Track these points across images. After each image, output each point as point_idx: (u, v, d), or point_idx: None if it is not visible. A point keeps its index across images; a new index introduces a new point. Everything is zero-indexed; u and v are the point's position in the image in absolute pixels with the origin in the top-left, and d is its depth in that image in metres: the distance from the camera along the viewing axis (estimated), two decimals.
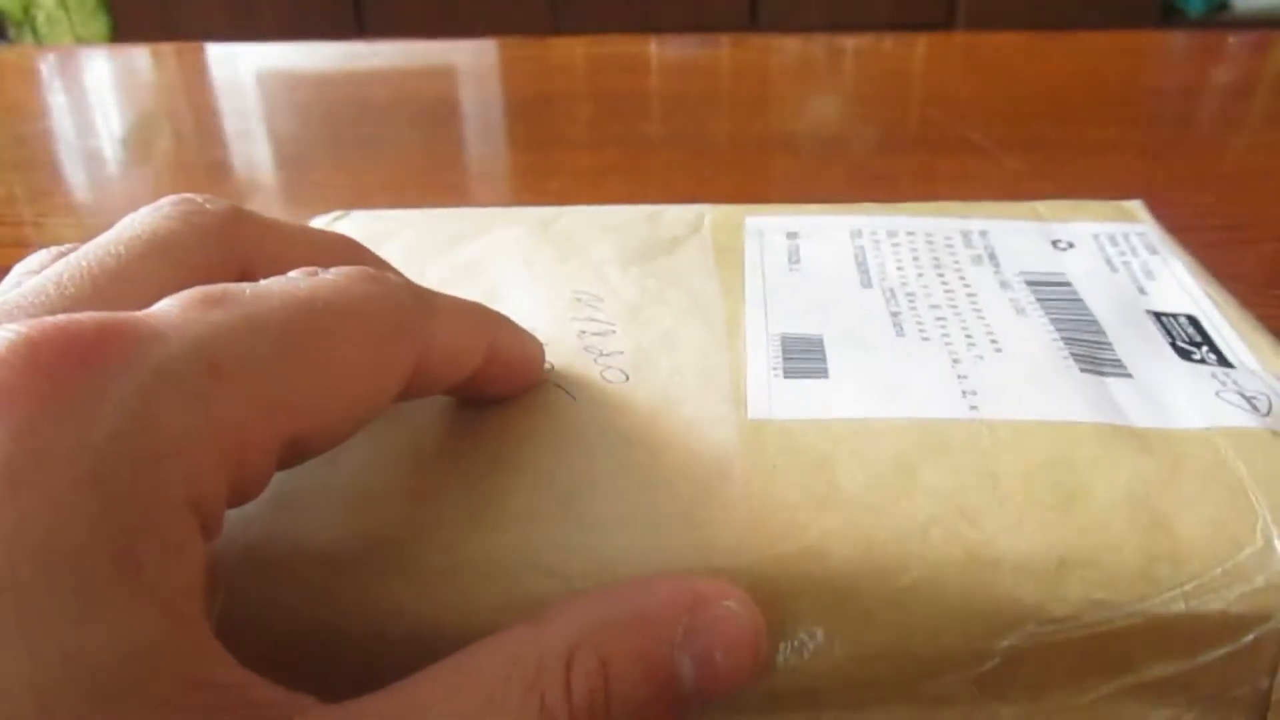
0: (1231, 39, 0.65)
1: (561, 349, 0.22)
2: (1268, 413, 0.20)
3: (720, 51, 0.65)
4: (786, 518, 0.17)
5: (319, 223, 0.29)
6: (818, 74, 0.61)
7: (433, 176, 0.47)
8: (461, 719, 0.14)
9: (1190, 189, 0.42)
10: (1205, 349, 0.22)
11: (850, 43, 0.66)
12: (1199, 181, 0.44)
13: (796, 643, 0.17)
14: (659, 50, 0.64)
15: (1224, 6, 1.71)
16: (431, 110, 0.55)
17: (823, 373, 0.21)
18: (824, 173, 0.46)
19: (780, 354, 0.22)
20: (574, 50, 0.65)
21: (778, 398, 0.20)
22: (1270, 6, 1.68)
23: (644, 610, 0.15)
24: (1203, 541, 0.17)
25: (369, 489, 0.19)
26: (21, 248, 0.41)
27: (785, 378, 0.21)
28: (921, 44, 0.65)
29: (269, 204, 0.45)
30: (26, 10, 1.45)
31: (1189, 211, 0.40)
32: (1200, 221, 0.39)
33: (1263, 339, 0.23)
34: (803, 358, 0.22)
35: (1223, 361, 0.22)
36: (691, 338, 0.22)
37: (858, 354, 0.22)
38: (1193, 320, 0.23)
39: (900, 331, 0.22)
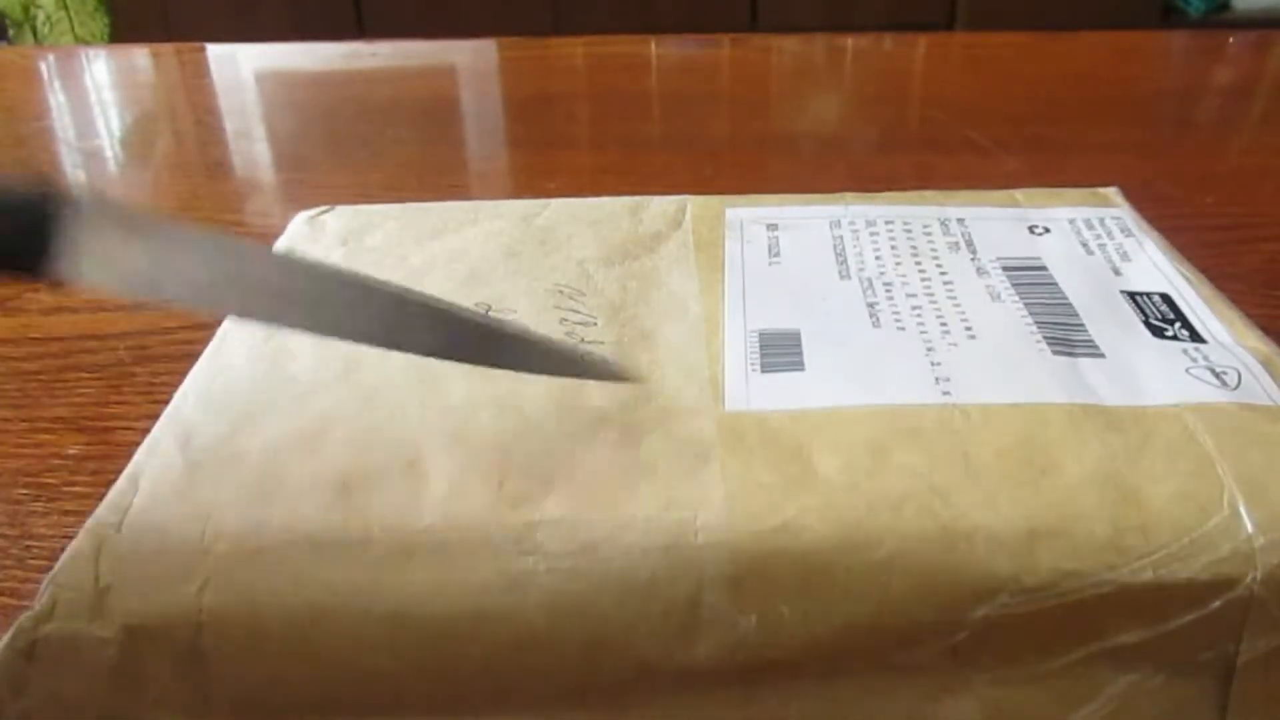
0: (1231, 39, 0.65)
1: (542, 331, 0.23)
2: (1236, 386, 0.20)
3: (720, 51, 0.65)
4: (764, 497, 0.18)
5: (304, 217, 0.29)
6: (818, 74, 0.61)
7: (433, 176, 0.47)
8: None
9: (1190, 189, 0.42)
10: (1178, 325, 0.22)
11: (850, 43, 0.66)
12: (1199, 181, 0.43)
13: (774, 617, 0.17)
14: (659, 50, 0.64)
15: (1224, 6, 1.71)
16: (431, 110, 0.55)
17: (799, 366, 0.22)
18: (824, 172, 0.46)
19: (758, 350, 0.22)
20: (574, 50, 0.65)
21: (755, 391, 0.21)
22: (1270, 6, 1.68)
23: None
24: (1170, 512, 0.17)
25: (352, 473, 0.19)
26: None
27: (762, 372, 0.21)
28: (921, 44, 0.65)
29: (269, 204, 0.45)
30: (26, 10, 1.45)
31: (1189, 211, 0.40)
32: (1200, 221, 0.39)
33: (1235, 314, 0.23)
34: (780, 352, 0.22)
35: (1195, 337, 0.22)
36: (671, 337, 0.23)
37: (834, 347, 0.22)
38: (1166, 298, 0.24)
39: (876, 323, 0.23)
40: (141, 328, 0.34)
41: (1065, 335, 0.22)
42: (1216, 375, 0.21)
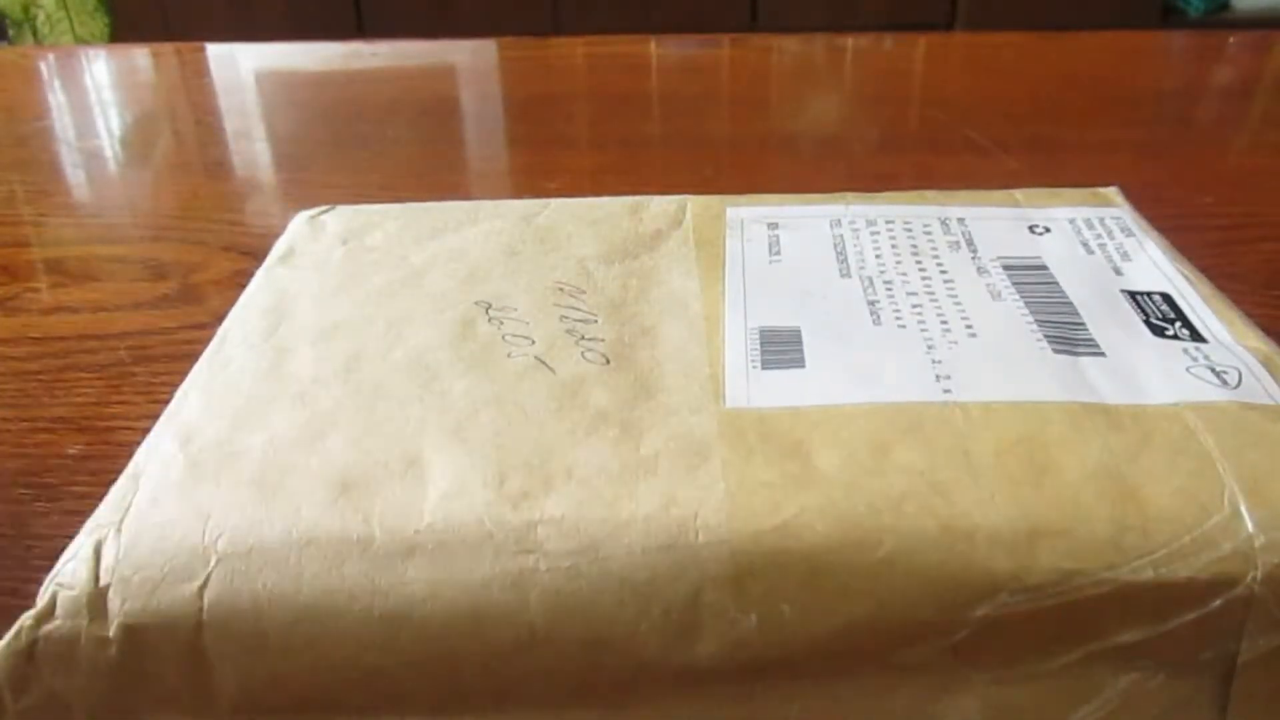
0: (1231, 39, 0.65)
1: (542, 328, 0.23)
2: (1237, 385, 0.20)
3: (720, 51, 0.65)
4: (765, 496, 0.18)
5: (304, 217, 0.29)
6: (818, 74, 0.61)
7: (432, 176, 0.47)
8: None
9: (1190, 189, 0.42)
10: (1179, 325, 0.22)
11: (850, 43, 0.66)
12: (1199, 181, 0.44)
13: (775, 615, 0.17)
14: (659, 50, 0.64)
15: (1224, 6, 1.71)
16: (431, 110, 0.55)
17: (799, 363, 0.22)
18: (824, 172, 0.46)
19: (759, 347, 0.22)
20: (574, 50, 0.65)
21: (755, 388, 0.21)
22: (1270, 6, 1.68)
23: None
24: (1171, 511, 0.17)
25: (352, 472, 0.19)
26: (21, 248, 0.41)
27: (763, 369, 0.21)
28: (921, 44, 0.65)
29: (268, 204, 0.45)
30: (26, 10, 1.45)
31: (1189, 211, 0.40)
32: (1200, 221, 0.39)
33: (1235, 314, 0.23)
34: (780, 350, 0.22)
35: (1195, 336, 0.22)
36: (671, 335, 0.23)
37: (835, 344, 0.22)
38: (1166, 298, 0.24)
39: (877, 320, 0.23)
40: (141, 328, 0.34)
41: (1066, 334, 0.22)
42: (1217, 374, 0.21)
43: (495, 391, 0.21)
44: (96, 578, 0.17)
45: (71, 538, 0.18)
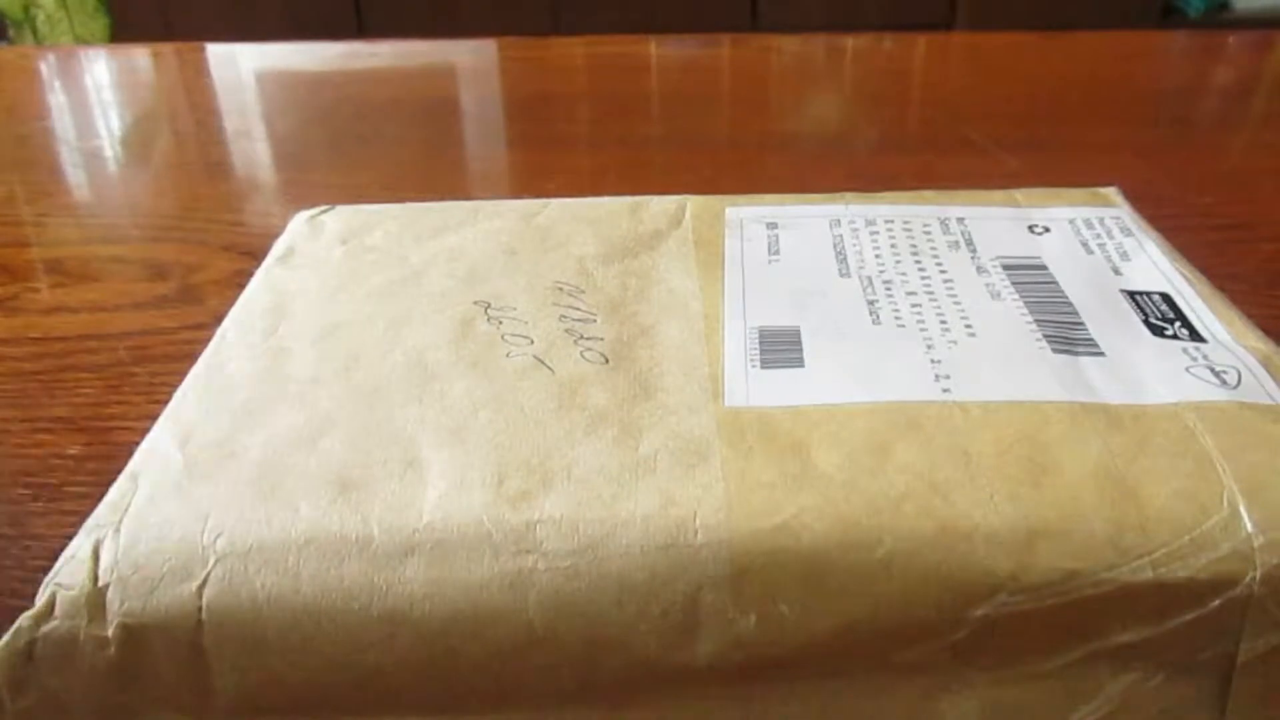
0: (1231, 39, 0.64)
1: (541, 328, 0.23)
2: (1236, 385, 0.20)
3: (720, 51, 0.65)
4: (764, 495, 0.18)
5: (304, 217, 0.29)
6: (818, 74, 0.61)
7: (432, 176, 0.47)
8: None
9: (1190, 189, 0.42)
10: (1178, 325, 0.22)
11: (850, 43, 0.66)
12: (1199, 181, 0.43)
13: (773, 615, 0.17)
14: (659, 50, 0.64)
15: (1224, 6, 1.71)
16: (431, 110, 0.55)
17: (799, 362, 0.22)
18: (824, 173, 0.46)
19: (758, 346, 0.22)
20: (574, 50, 0.65)
21: (755, 388, 0.21)
22: (1270, 6, 1.68)
23: None
24: (1170, 511, 0.17)
25: (351, 471, 0.19)
26: (21, 248, 0.41)
27: (762, 369, 0.21)
28: (921, 44, 0.65)
29: (268, 204, 0.45)
30: (26, 10, 1.45)
31: (1189, 211, 0.40)
32: (1200, 221, 0.39)
33: (1235, 314, 0.23)
34: (779, 349, 0.22)
35: (1195, 336, 0.22)
36: (671, 334, 0.23)
37: (834, 344, 0.22)
38: (1166, 298, 0.24)
39: (876, 320, 0.23)
40: (141, 328, 0.34)
41: (1065, 334, 0.22)
42: (1216, 374, 0.21)
43: (494, 391, 0.21)
44: (95, 578, 0.17)
45: (70, 538, 0.18)
